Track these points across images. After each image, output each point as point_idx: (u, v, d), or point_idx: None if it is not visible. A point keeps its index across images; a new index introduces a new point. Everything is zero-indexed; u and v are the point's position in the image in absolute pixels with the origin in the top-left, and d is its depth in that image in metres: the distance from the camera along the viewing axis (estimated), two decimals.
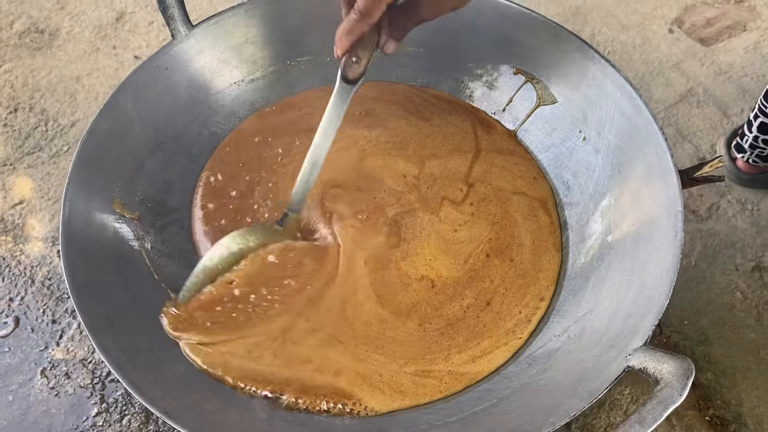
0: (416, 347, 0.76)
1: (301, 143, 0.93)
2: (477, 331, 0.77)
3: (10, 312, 1.18)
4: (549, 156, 0.90)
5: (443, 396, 0.73)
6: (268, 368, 0.73)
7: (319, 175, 0.79)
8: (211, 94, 0.93)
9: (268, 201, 0.88)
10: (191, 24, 0.89)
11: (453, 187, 0.89)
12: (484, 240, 0.84)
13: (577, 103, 0.88)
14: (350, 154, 0.92)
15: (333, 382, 0.73)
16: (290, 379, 0.72)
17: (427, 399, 0.73)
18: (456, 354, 0.76)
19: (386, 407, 0.72)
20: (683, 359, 0.57)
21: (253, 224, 0.85)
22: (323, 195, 0.87)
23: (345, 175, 0.90)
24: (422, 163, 0.91)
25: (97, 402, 1.09)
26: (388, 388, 0.73)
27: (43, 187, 1.34)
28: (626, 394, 1.10)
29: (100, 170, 0.79)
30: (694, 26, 1.63)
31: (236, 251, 0.77)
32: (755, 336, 1.16)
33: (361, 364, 0.74)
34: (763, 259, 1.25)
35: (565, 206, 0.87)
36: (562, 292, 0.80)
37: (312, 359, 0.74)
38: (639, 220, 0.75)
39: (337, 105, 0.74)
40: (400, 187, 0.88)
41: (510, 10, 0.90)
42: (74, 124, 1.44)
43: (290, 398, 0.71)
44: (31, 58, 1.56)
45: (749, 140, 1.28)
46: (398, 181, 0.89)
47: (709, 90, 1.50)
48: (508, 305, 0.79)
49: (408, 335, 0.77)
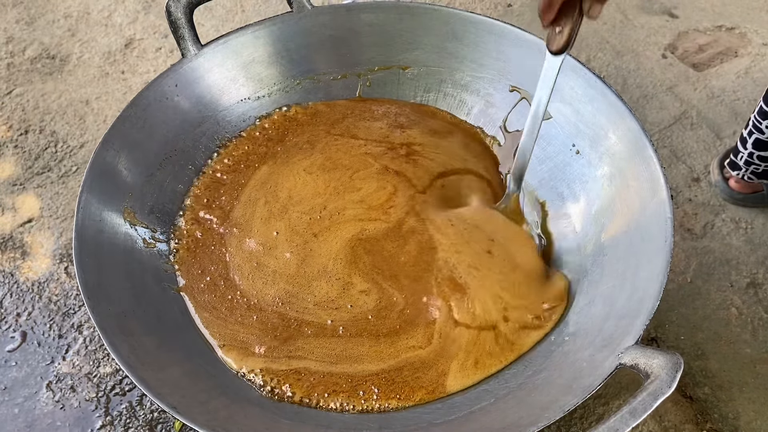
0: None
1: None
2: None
3: (17, 327, 1.20)
4: (544, 169, 0.94)
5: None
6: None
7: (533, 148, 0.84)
8: (218, 110, 0.97)
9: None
10: (200, 44, 0.93)
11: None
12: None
13: (571, 119, 0.91)
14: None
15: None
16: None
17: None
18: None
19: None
20: (672, 354, 0.60)
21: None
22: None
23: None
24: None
25: (101, 415, 1.11)
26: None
27: (52, 206, 1.37)
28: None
29: (112, 181, 0.83)
30: (686, 52, 1.68)
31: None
32: (751, 351, 1.18)
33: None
34: (757, 276, 1.27)
35: (560, 216, 0.90)
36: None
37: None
38: (630, 228, 0.78)
39: (546, 80, 0.78)
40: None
41: (506, 30, 0.94)
42: (83, 146, 1.48)
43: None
44: (43, 83, 1.60)
45: (744, 157, 1.30)
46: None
47: (702, 113, 1.54)
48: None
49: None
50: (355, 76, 1.03)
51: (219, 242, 0.89)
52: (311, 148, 0.98)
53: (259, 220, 0.90)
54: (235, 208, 0.92)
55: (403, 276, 0.84)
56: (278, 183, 0.94)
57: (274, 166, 0.96)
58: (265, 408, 0.71)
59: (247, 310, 0.82)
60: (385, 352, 0.78)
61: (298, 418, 0.70)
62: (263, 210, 0.92)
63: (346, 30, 1.00)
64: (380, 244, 0.87)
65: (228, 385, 0.73)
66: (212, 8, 1.79)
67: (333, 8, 1.00)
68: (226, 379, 0.75)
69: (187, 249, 0.88)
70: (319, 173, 0.94)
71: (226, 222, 0.91)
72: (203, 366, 0.75)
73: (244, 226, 0.90)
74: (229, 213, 0.91)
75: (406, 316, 0.81)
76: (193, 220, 0.91)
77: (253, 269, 0.86)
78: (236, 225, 0.90)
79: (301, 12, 0.98)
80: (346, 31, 1.00)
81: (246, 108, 0.99)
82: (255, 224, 0.90)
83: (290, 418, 0.70)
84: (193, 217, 0.91)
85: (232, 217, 0.91)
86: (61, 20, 1.76)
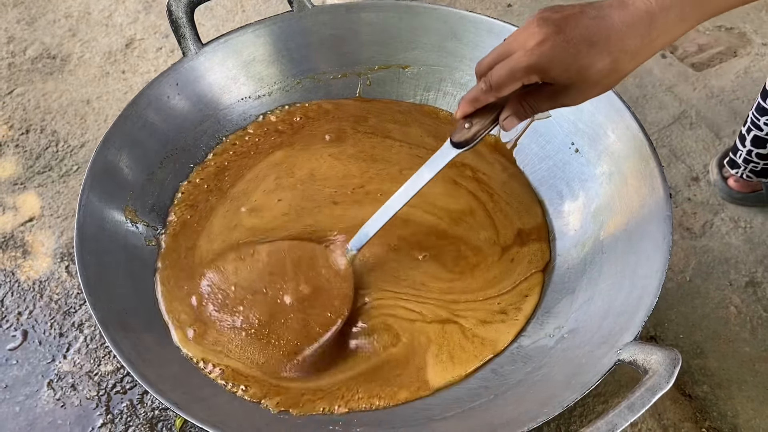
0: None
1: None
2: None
3: (18, 325, 1.21)
4: (543, 167, 0.94)
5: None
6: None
7: (385, 224, 0.78)
8: (219, 109, 0.97)
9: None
10: (201, 43, 0.93)
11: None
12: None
13: (570, 118, 0.92)
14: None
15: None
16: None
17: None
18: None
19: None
20: (670, 350, 0.60)
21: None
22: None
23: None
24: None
25: (102, 413, 1.11)
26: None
27: (53, 205, 1.38)
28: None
29: (113, 179, 0.83)
30: (686, 52, 1.68)
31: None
32: (750, 349, 1.18)
33: None
34: (756, 275, 1.27)
35: (559, 214, 0.91)
36: (556, 293, 0.82)
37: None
38: (629, 226, 0.79)
39: (434, 163, 0.74)
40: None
41: (506, 30, 0.94)
42: (84, 145, 1.48)
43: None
44: (43, 82, 1.61)
45: (743, 155, 1.30)
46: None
47: (701, 113, 1.54)
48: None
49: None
50: (355, 75, 1.03)
51: (206, 216, 0.89)
52: (337, 140, 0.97)
53: (261, 192, 0.90)
54: (237, 184, 0.91)
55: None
56: (296, 164, 0.94)
57: (291, 151, 0.96)
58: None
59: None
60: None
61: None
62: (271, 183, 0.91)
63: (346, 29, 1.01)
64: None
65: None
66: (213, 8, 1.80)
67: (333, 7, 1.00)
68: None
69: (173, 234, 0.87)
70: (352, 161, 0.94)
71: (222, 198, 0.90)
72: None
73: (241, 197, 0.89)
74: (228, 190, 0.90)
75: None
76: (186, 205, 0.90)
77: (224, 230, 0.86)
78: (232, 198, 0.89)
79: (301, 11, 0.98)
80: (347, 31, 1.01)
81: (246, 107, 0.99)
82: (255, 195, 0.89)
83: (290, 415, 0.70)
84: (186, 203, 0.90)
85: (231, 192, 0.90)
86: (62, 20, 1.76)
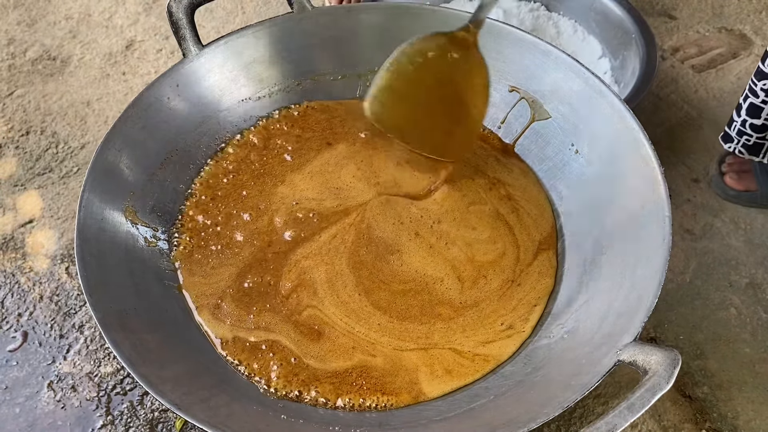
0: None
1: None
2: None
3: (18, 327, 1.21)
4: (543, 168, 0.94)
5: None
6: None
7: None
8: (219, 110, 0.97)
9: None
10: (201, 44, 0.94)
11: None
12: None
13: (570, 119, 0.92)
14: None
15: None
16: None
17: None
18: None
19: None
20: (670, 350, 0.60)
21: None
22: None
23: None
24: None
25: (102, 414, 1.11)
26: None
27: (53, 206, 1.38)
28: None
29: (113, 180, 0.83)
30: (686, 54, 1.68)
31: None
32: (750, 351, 1.18)
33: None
34: (756, 276, 1.27)
35: (560, 215, 0.91)
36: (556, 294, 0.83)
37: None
38: (629, 227, 0.79)
39: None
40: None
41: (505, 30, 0.94)
42: (84, 147, 1.48)
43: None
44: (44, 84, 1.61)
45: (737, 126, 1.28)
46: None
47: (702, 114, 1.54)
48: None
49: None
50: (356, 76, 1.03)
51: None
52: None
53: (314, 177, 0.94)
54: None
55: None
56: (373, 162, 0.95)
57: (355, 145, 0.97)
58: (266, 405, 0.71)
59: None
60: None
61: (298, 415, 0.71)
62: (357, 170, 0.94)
63: (346, 31, 1.01)
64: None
65: (229, 383, 0.74)
66: (213, 10, 1.80)
67: (333, 9, 1.01)
68: (227, 376, 0.75)
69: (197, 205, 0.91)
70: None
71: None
72: (204, 363, 0.75)
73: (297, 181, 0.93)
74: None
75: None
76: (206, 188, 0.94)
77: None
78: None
79: (301, 13, 0.98)
80: (347, 32, 1.01)
81: (247, 108, 0.99)
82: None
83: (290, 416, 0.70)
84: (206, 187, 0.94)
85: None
86: (62, 22, 1.76)
